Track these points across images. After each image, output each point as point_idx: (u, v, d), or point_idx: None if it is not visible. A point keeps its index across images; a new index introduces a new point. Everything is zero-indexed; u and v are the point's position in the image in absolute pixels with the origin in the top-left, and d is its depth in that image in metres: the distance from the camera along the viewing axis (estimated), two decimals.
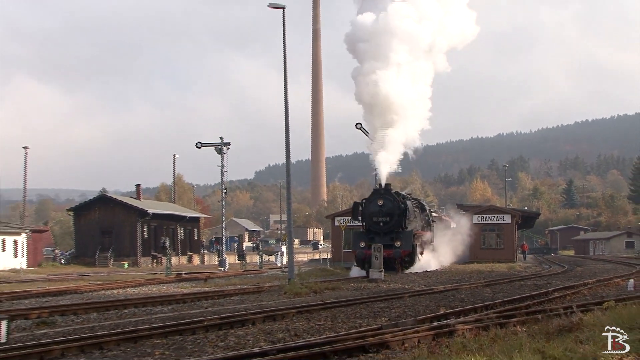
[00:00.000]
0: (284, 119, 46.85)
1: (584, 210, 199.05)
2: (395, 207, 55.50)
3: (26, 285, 50.57)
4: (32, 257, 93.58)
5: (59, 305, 32.22)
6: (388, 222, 55.15)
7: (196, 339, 21.06)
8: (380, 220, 55.26)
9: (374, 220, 55.56)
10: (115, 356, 18.45)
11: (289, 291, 36.64)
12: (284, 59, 45.30)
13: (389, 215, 55.20)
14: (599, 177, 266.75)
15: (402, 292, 36.66)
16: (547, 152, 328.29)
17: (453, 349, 15.29)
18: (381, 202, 55.41)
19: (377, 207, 55.43)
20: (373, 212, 55.68)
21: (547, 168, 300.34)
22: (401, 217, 55.64)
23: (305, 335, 21.50)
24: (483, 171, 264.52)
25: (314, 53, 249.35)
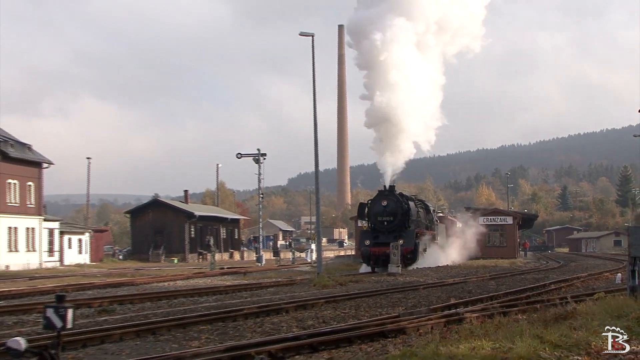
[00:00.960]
0: (313, 133, 47.02)
1: (577, 213, 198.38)
2: (399, 207, 53.97)
3: (89, 278, 50.77)
4: (95, 254, 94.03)
5: (118, 295, 32.36)
6: (392, 221, 53.61)
7: (237, 325, 21.10)
8: (384, 219, 53.77)
9: (378, 219, 54.13)
10: (166, 340, 18.51)
11: (317, 283, 36.62)
12: (313, 80, 45.41)
13: (393, 215, 53.70)
14: (590, 184, 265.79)
15: (417, 285, 36.63)
16: (544, 162, 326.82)
17: (462, 335, 15.27)
18: (385, 202, 54.02)
19: (382, 207, 53.99)
20: (377, 212, 54.26)
21: (544, 176, 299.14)
22: (404, 216, 54.12)
23: (332, 322, 21.51)
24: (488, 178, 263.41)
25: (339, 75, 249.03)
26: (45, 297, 31.28)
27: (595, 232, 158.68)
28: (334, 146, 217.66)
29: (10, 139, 79.65)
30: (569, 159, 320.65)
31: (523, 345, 13.69)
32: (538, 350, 13.74)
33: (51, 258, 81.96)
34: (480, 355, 12.84)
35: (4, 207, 75.22)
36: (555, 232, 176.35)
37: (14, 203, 76.91)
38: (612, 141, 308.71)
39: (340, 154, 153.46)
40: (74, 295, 32.26)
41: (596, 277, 42.38)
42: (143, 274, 56.14)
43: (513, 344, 13.71)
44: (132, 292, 34.73)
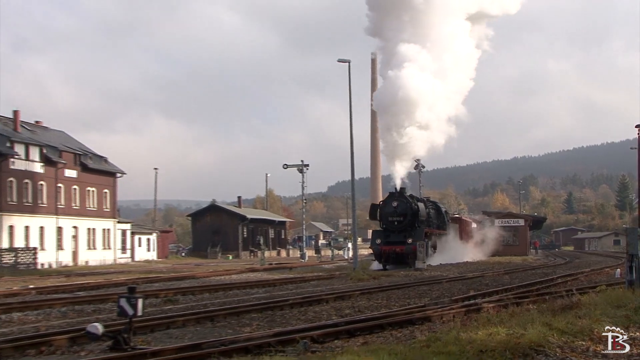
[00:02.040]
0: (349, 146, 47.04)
1: (580, 216, 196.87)
2: (408, 208, 50.66)
3: (156, 272, 51.00)
4: (161, 251, 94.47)
5: (181, 287, 32.48)
6: (402, 221, 50.35)
7: (283, 314, 21.11)
8: (395, 219, 50.58)
9: (389, 219, 50.93)
10: (223, 326, 18.53)
11: (354, 277, 36.54)
12: (350, 100, 45.30)
13: (403, 215, 50.43)
14: (593, 190, 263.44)
15: (441, 279, 36.48)
16: (551, 171, 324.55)
17: (480, 322, 15.19)
18: (395, 203, 50.74)
19: (392, 208, 50.77)
20: (388, 213, 51.01)
21: (552, 183, 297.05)
22: (413, 217, 50.82)
23: (366, 311, 21.46)
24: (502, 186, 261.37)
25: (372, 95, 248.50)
26: (118, 288, 31.43)
27: (597, 233, 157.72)
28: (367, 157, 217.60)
29: (89, 152, 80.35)
30: (574, 169, 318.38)
31: (534, 332, 13.64)
32: (547, 336, 13.70)
33: (124, 255, 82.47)
34: (496, 341, 12.77)
35: (84, 211, 75.89)
36: (561, 233, 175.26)
37: (92, 208, 77.54)
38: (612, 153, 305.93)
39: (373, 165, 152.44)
40: (143, 287, 32.37)
41: (598, 272, 42.01)
42: (202, 269, 56.35)
43: (525, 331, 13.66)
44: (193, 285, 34.86)
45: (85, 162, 76.92)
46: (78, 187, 75.35)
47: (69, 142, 79.34)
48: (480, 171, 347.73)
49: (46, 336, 15.96)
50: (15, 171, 66.29)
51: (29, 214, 67.75)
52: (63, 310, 23.21)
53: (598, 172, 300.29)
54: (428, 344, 12.45)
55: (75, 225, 74.30)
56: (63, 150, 74.02)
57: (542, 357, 12.51)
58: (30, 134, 71.97)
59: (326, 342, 15.19)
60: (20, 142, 67.88)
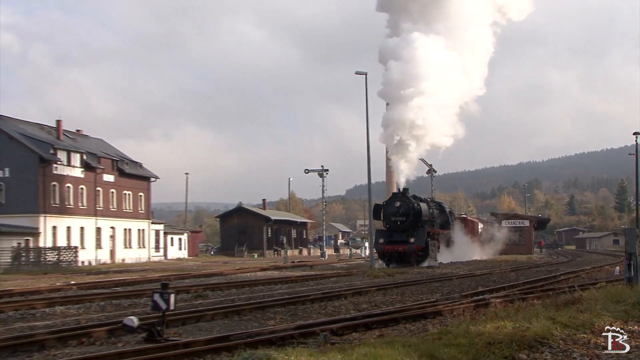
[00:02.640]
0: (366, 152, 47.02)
1: (582, 217, 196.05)
2: (410, 209, 48.35)
3: (187, 270, 51.12)
4: (191, 250, 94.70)
5: (209, 283, 32.54)
6: (404, 221, 48.17)
7: (305, 308, 21.11)
8: (398, 219, 48.35)
9: (392, 219, 48.79)
10: (249, 320, 18.55)
11: (370, 274, 36.54)
12: (366, 109, 45.21)
13: (405, 215, 48.22)
14: (593, 193, 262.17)
15: (451, 275, 36.42)
16: (555, 175, 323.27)
17: (488, 316, 15.15)
18: (398, 204, 48.51)
19: (395, 209, 48.53)
20: (391, 213, 48.75)
21: (555, 187, 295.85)
22: (416, 217, 48.56)
23: (382, 306, 21.44)
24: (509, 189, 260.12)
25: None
26: (152, 284, 31.53)
27: (597, 233, 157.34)
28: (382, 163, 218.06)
29: (126, 158, 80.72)
30: (576, 173, 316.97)
31: (538, 325, 13.61)
32: (551, 329, 13.68)
33: (157, 253, 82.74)
34: (503, 333, 12.73)
35: (121, 213, 76.22)
36: (564, 233, 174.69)
37: (128, 210, 77.87)
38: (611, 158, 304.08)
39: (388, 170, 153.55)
40: (175, 283, 32.48)
41: (598, 269, 41.80)
42: (230, 267, 56.41)
43: (530, 324, 13.62)
44: (221, 281, 34.89)
45: (122, 168, 77.28)
46: (115, 190, 75.68)
47: (107, 149, 79.74)
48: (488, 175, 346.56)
49: (86, 328, 16.04)
50: (58, 176, 66.65)
51: (71, 216, 68.09)
52: (102, 305, 23.32)
53: (598, 176, 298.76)
54: (439, 337, 12.42)
55: (112, 225, 74.63)
56: (102, 156, 74.39)
57: (546, 349, 12.51)
58: (72, 141, 72.37)
59: (345, 334, 15.18)
60: (63, 149, 68.25)
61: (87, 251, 68.47)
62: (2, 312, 21.67)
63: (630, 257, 22.67)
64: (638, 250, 23.07)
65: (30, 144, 65.46)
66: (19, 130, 67.04)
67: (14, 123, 68.66)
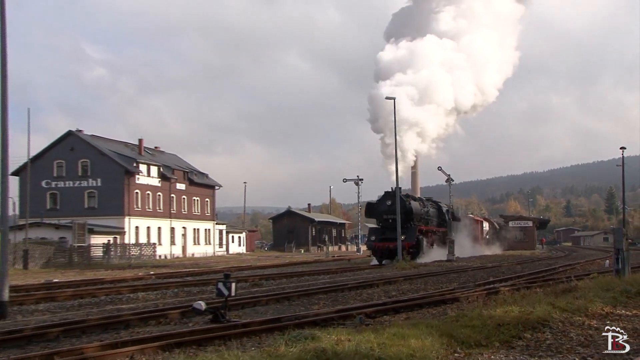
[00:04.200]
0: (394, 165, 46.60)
1: (577, 218, 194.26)
2: (402, 207, 42.04)
3: (245, 263, 51.32)
4: (249, 246, 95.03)
5: (264, 274, 32.59)
6: (396, 219, 41.60)
7: (344, 295, 21.05)
8: (390, 217, 42.62)
9: (384, 217, 43.60)
10: (297, 305, 18.52)
11: (398, 267, 36.32)
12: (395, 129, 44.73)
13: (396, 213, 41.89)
14: (586, 199, 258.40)
15: (467, 268, 36.13)
16: (554, 183, 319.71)
17: (498, 302, 15.02)
18: (390, 202, 42.89)
19: (387, 207, 43.17)
20: (383, 211, 43.58)
21: (554, 193, 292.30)
22: (407, 215, 43.20)
23: (409, 293, 21.30)
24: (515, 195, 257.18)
25: None
26: (217, 275, 31.66)
27: (590, 232, 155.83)
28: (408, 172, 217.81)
29: (195, 170, 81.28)
30: (571, 181, 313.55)
31: (540, 310, 13.51)
32: (551, 313, 13.58)
33: (220, 249, 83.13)
34: (511, 317, 12.62)
35: (191, 215, 76.75)
36: (562, 232, 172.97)
37: (197, 213, 78.37)
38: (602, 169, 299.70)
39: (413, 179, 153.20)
40: (235, 274, 32.56)
41: (591, 262, 41.20)
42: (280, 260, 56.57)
43: (533, 309, 13.50)
44: (273, 272, 34.93)
45: (192, 178, 77.85)
46: (186, 197, 76.25)
47: (180, 162, 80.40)
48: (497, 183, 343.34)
49: (163, 311, 16.16)
50: (140, 185, 67.32)
51: (150, 218, 68.71)
52: (175, 291, 23.46)
53: (590, 184, 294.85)
54: (457, 319, 12.33)
55: (184, 226, 75.16)
56: (175, 168, 75.00)
57: (547, 329, 12.40)
58: (151, 156, 73.07)
59: (377, 317, 15.12)
60: (143, 163, 68.95)
61: (163, 247, 69.04)
62: (96, 297, 22.00)
63: (619, 252, 22.76)
64: (625, 247, 23.07)
65: (117, 158, 66.27)
66: (108, 147, 67.92)
67: (104, 142, 69.57)
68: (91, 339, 12.63)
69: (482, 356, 9.95)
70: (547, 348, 10.77)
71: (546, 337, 11.70)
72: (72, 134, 67.49)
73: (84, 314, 16.70)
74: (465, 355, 9.95)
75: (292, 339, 9.98)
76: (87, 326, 13.97)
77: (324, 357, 8.71)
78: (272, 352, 8.97)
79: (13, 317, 16.77)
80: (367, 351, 9.12)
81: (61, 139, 67.52)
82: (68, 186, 66.12)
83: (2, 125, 17.21)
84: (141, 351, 10.64)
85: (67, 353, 10.47)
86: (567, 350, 10.62)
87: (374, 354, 9.04)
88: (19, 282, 28.13)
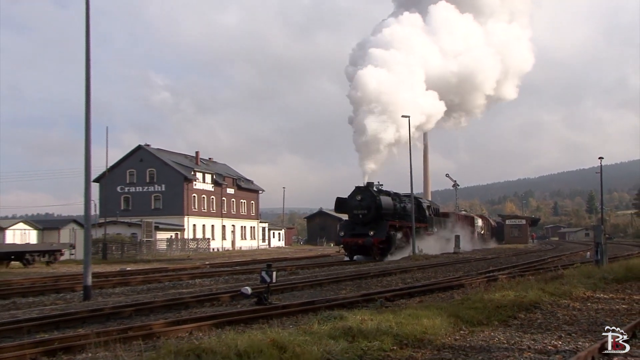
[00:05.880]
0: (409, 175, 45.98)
1: (563, 217, 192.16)
2: (372, 202, 36.04)
3: (283, 255, 51.37)
4: (287, 241, 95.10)
5: (301, 264, 32.55)
6: (366, 214, 36.10)
7: (367, 282, 20.97)
8: (360, 212, 36.27)
9: (354, 212, 36.71)
10: (328, 290, 18.47)
11: (413, 258, 36.04)
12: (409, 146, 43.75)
13: (367, 209, 36.08)
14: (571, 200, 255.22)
15: (470, 259, 35.86)
16: (544, 188, 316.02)
17: (497, 288, 14.91)
18: (360, 197, 36.28)
19: (357, 202, 36.30)
20: (353, 206, 36.57)
21: (543, 196, 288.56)
22: (377, 210, 36.18)
23: (421, 280, 21.19)
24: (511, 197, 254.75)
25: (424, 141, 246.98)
26: (260, 264, 31.73)
27: (573, 228, 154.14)
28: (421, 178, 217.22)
29: (242, 177, 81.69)
30: (558, 186, 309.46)
31: (533, 294, 13.47)
32: (542, 297, 13.56)
33: (263, 243, 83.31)
34: (508, 300, 12.53)
35: (239, 215, 77.10)
36: (550, 228, 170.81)
37: (243, 213, 78.70)
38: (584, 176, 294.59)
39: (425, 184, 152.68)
40: (276, 264, 32.62)
41: (575, 254, 40.63)
42: (314, 252, 56.58)
43: (527, 293, 13.44)
44: (308, 263, 34.92)
45: (239, 184, 78.21)
46: (235, 200, 76.60)
47: (229, 171, 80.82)
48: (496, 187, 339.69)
49: (216, 294, 16.23)
50: (196, 190, 67.80)
51: (205, 217, 69.14)
52: (226, 278, 23.58)
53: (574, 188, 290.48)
54: (462, 302, 12.26)
55: (233, 224, 75.52)
56: (226, 176, 75.43)
57: (538, 310, 12.39)
58: (205, 166, 73.56)
59: (395, 300, 15.04)
60: (199, 171, 69.44)
61: (216, 241, 69.38)
62: (161, 282, 22.18)
63: (598, 246, 22.81)
64: (603, 241, 23.02)
65: (178, 168, 66.81)
66: (171, 159, 68.53)
67: (167, 154, 70.20)
68: (158, 317, 12.73)
69: (483, 333, 9.89)
70: (538, 326, 10.69)
71: (537, 317, 11.63)
72: (141, 148, 68.22)
73: (152, 297, 16.84)
74: (469, 332, 9.89)
75: (324, 319, 9.99)
76: (154, 306, 14.08)
77: (351, 334, 8.70)
78: (307, 329, 8.98)
79: (95, 298, 16.98)
80: (387, 329, 9.10)
81: (132, 152, 68.29)
82: (138, 191, 66.81)
83: (86, 142, 17.48)
84: (198, 328, 10.70)
85: (139, 328, 10.57)
86: (555, 328, 10.55)
87: (392, 331, 9.02)
88: (99, 270, 28.46)
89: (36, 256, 36.31)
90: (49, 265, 35.94)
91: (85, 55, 17.65)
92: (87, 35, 17.71)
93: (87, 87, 17.54)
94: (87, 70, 17.63)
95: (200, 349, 7.27)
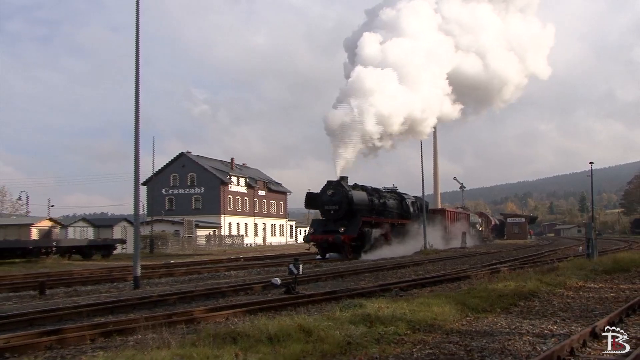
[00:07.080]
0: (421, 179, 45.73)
1: (558, 216, 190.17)
2: (343, 197, 30.40)
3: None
4: None
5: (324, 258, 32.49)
6: (338, 210, 30.43)
7: (383, 274, 20.85)
8: (331, 208, 30.56)
9: (325, 208, 30.85)
10: (348, 281, 18.39)
11: (424, 253, 35.81)
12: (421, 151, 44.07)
13: (338, 204, 30.35)
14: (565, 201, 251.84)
15: (476, 253, 35.55)
16: (541, 189, 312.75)
17: (499, 279, 14.81)
18: (331, 192, 30.52)
19: (328, 197, 30.55)
20: (325, 201, 30.72)
21: (541, 197, 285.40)
22: (349, 205, 30.49)
23: (432, 272, 21.02)
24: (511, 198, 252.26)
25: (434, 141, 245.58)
26: (288, 258, 31.70)
27: (567, 226, 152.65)
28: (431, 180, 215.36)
29: (272, 181, 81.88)
30: (554, 188, 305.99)
31: (531, 284, 13.39)
32: (539, 286, 13.46)
33: (291, 239, 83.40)
34: (509, 289, 12.44)
35: (269, 214, 77.26)
36: (546, 226, 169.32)
37: (273, 212, 78.86)
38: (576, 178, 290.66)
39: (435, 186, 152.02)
40: (302, 258, 32.52)
41: (568, 249, 40.05)
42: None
43: (526, 283, 13.35)
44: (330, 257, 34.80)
45: (270, 186, 78.40)
46: (266, 201, 76.81)
47: (261, 175, 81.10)
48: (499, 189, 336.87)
49: (249, 284, 16.25)
50: (232, 192, 68.13)
51: (239, 216, 69.44)
52: (258, 270, 23.59)
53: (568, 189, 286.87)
54: (468, 292, 12.18)
55: (264, 222, 75.72)
56: (258, 179, 75.69)
57: (536, 299, 12.28)
58: (240, 170, 73.89)
59: (408, 290, 14.95)
60: (234, 175, 69.77)
61: (249, 238, 69.61)
62: (201, 274, 22.27)
63: (589, 241, 22.70)
64: (593, 237, 22.92)
65: (215, 172, 67.22)
66: (209, 164, 68.97)
67: (206, 160, 70.67)
68: (198, 304, 12.78)
69: (487, 319, 9.83)
70: (536, 313, 10.59)
71: (535, 305, 11.53)
72: (183, 155, 68.75)
73: (193, 286, 16.93)
74: (475, 319, 9.83)
75: (345, 306, 9.97)
76: (195, 295, 14.15)
77: (369, 320, 8.69)
78: (330, 316, 8.99)
79: (143, 287, 17.11)
80: (401, 315, 9.09)
81: (176, 159, 68.86)
82: (180, 193, 67.34)
83: (135, 150, 17.66)
84: (234, 314, 10.74)
85: (182, 314, 10.63)
86: (551, 314, 10.46)
87: (406, 317, 9.01)
88: (147, 263, 28.71)
89: (93, 250, 36.85)
90: (104, 258, 36.40)
91: (135, 73, 17.84)
92: (136, 56, 17.91)
93: (136, 102, 17.73)
94: (137, 87, 17.82)
95: (235, 333, 7.34)
